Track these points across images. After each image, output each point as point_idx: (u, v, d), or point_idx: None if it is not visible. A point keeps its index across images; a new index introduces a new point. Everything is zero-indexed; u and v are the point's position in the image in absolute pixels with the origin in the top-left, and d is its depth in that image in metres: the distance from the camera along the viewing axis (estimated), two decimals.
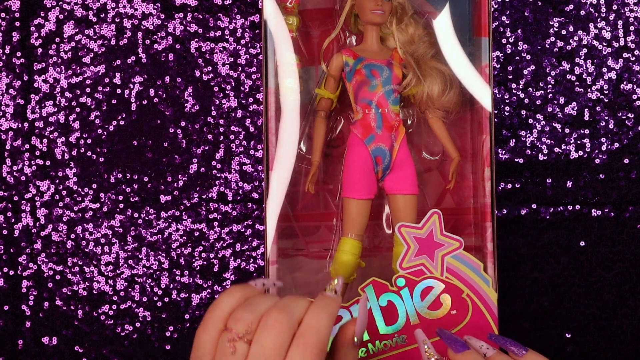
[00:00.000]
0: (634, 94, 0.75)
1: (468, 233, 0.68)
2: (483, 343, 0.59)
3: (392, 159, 0.66)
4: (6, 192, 0.74)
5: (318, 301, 0.52)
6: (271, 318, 0.50)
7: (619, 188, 0.74)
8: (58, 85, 0.75)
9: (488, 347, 0.58)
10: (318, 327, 0.51)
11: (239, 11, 0.75)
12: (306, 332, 0.50)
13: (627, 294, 0.74)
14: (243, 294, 0.53)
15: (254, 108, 0.75)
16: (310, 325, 0.51)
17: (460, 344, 0.58)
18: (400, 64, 0.66)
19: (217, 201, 0.74)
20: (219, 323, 0.52)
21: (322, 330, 0.51)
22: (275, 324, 0.50)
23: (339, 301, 0.53)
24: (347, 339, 0.54)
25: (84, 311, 0.74)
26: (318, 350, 0.50)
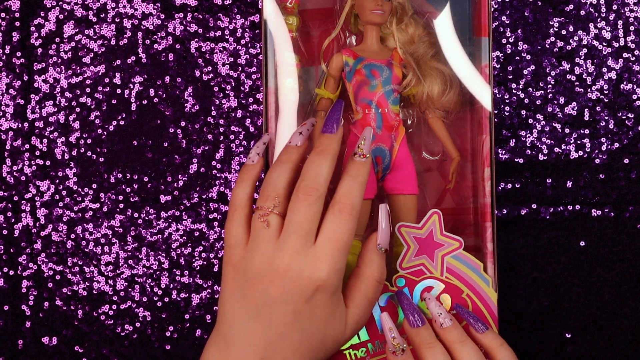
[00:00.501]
0: (634, 94, 0.75)
1: (468, 233, 0.68)
2: (442, 311, 0.60)
3: (392, 159, 0.66)
4: (6, 192, 0.75)
5: (349, 169, 0.57)
6: (301, 192, 0.54)
7: (619, 188, 0.74)
8: (58, 85, 0.75)
9: (446, 317, 0.59)
10: (351, 194, 0.55)
11: (239, 11, 0.75)
12: (341, 200, 0.55)
13: (627, 294, 0.74)
14: (250, 177, 0.58)
15: (254, 108, 0.75)
16: (343, 193, 0.55)
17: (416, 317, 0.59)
18: (400, 64, 0.66)
19: (217, 201, 0.74)
20: (242, 210, 0.57)
21: (355, 196, 0.55)
22: (306, 197, 0.54)
23: (368, 163, 0.57)
24: (372, 245, 0.59)
25: (84, 311, 0.74)
26: (352, 216, 0.55)
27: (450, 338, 0.59)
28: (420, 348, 0.58)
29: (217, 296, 0.74)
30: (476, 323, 0.60)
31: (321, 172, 0.55)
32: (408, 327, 0.59)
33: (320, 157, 0.56)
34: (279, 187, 0.56)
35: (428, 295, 0.61)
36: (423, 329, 0.59)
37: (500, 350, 0.59)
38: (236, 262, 0.55)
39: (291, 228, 0.54)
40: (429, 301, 0.61)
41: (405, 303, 0.60)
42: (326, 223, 0.55)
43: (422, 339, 0.58)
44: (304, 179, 0.55)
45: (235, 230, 0.56)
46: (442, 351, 0.58)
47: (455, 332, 0.59)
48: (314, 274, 0.53)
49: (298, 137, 0.58)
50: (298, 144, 0.58)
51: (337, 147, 0.57)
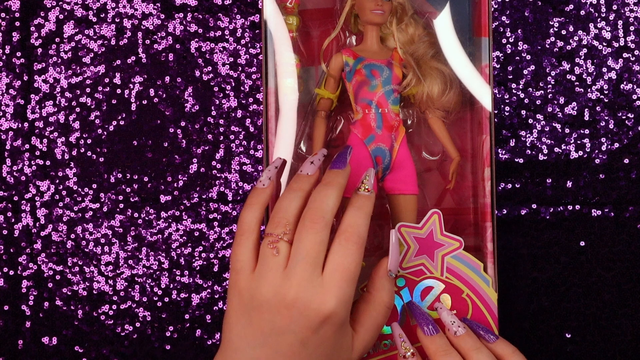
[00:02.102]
0: (634, 94, 0.75)
1: (468, 233, 0.68)
2: (455, 319, 0.60)
3: (392, 159, 0.66)
4: (6, 192, 0.75)
5: (354, 202, 0.57)
6: (307, 219, 0.54)
7: (619, 188, 0.74)
8: (58, 85, 0.75)
9: (459, 325, 0.60)
10: (357, 224, 0.55)
11: (239, 11, 0.75)
12: (347, 229, 0.55)
13: (627, 294, 0.74)
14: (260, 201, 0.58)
15: (254, 108, 0.75)
16: (349, 223, 0.55)
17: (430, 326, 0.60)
18: (400, 64, 0.66)
19: (217, 201, 0.74)
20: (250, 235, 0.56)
21: (360, 227, 0.55)
22: (312, 224, 0.54)
23: (373, 197, 0.58)
24: (382, 271, 0.59)
25: (84, 311, 0.74)
26: (358, 245, 0.55)
27: (465, 346, 0.59)
28: (436, 356, 0.58)
29: (217, 296, 0.74)
30: (486, 334, 0.60)
31: (328, 201, 0.55)
32: (423, 336, 0.60)
33: (327, 187, 0.56)
34: (290, 215, 0.55)
35: (439, 305, 0.62)
36: (437, 338, 0.59)
37: (512, 357, 0.59)
38: (242, 288, 0.55)
39: (299, 256, 0.53)
40: (441, 310, 0.61)
41: (418, 313, 0.61)
42: (333, 253, 0.54)
43: (438, 347, 0.59)
44: (310, 207, 0.55)
45: (242, 255, 0.56)
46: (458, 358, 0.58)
47: (469, 340, 0.59)
48: (322, 306, 0.53)
49: (310, 167, 0.58)
50: (309, 173, 0.58)
51: (344, 181, 0.57)
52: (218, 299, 0.74)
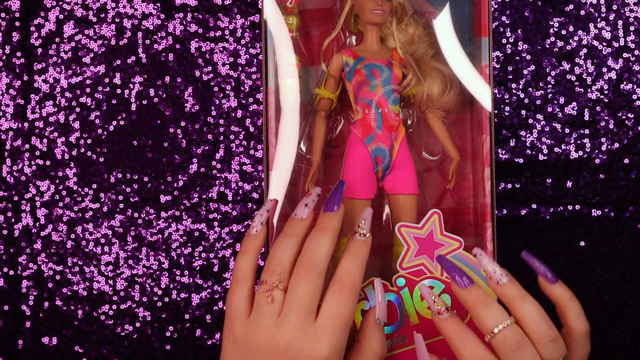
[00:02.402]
0: (634, 94, 0.75)
1: (468, 233, 0.68)
2: (497, 267, 0.57)
3: (392, 159, 0.66)
4: (6, 192, 0.75)
5: (349, 248, 0.57)
6: (302, 267, 0.55)
7: (619, 188, 0.74)
8: (58, 85, 0.75)
9: (502, 274, 0.57)
10: (351, 272, 0.56)
11: (239, 11, 0.75)
12: (341, 278, 0.56)
13: (627, 294, 0.74)
14: (253, 247, 0.59)
15: (254, 108, 0.75)
16: (344, 270, 0.56)
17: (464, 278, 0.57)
18: (400, 64, 0.66)
19: (217, 201, 0.74)
20: (245, 282, 0.57)
21: (355, 275, 0.56)
22: (306, 273, 0.55)
23: (369, 241, 0.58)
24: (371, 321, 0.59)
25: (84, 311, 0.74)
26: (352, 293, 0.55)
27: (509, 295, 0.56)
28: (475, 307, 0.55)
29: (217, 296, 0.74)
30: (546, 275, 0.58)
31: (321, 248, 0.56)
32: (458, 289, 0.57)
33: (321, 233, 0.56)
34: (284, 262, 0.56)
35: (479, 251, 0.58)
36: (474, 288, 0.56)
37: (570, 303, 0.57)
38: (237, 334, 0.56)
39: (293, 304, 0.54)
40: (481, 257, 0.58)
41: (449, 266, 0.58)
42: (327, 300, 0.55)
43: (476, 298, 0.56)
44: (304, 254, 0.56)
45: (237, 302, 0.57)
46: (499, 308, 0.55)
47: (513, 289, 0.56)
48: (315, 353, 0.53)
49: (304, 210, 0.58)
50: (303, 217, 0.58)
51: (338, 225, 0.58)
52: (218, 299, 0.74)
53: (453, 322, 0.57)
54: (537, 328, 0.55)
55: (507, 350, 0.54)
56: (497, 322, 0.54)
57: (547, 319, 0.55)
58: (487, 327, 0.55)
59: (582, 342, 0.58)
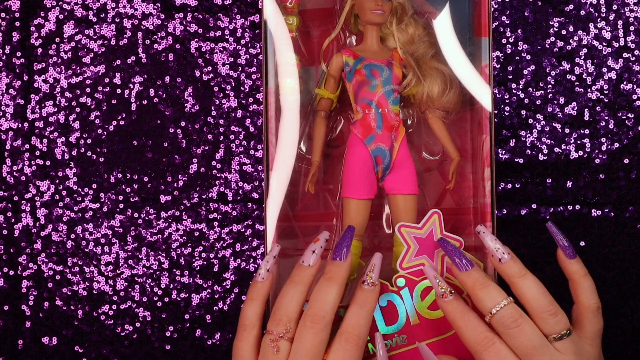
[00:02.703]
0: (634, 94, 0.75)
1: (468, 233, 0.68)
2: (499, 245, 0.58)
3: (392, 159, 0.66)
4: (6, 192, 0.75)
5: (357, 297, 0.57)
6: (308, 319, 0.55)
7: (619, 188, 0.74)
8: (58, 85, 0.75)
9: (504, 252, 0.58)
10: (358, 325, 0.56)
11: (239, 11, 0.75)
12: (347, 329, 0.56)
13: (627, 294, 0.74)
14: (260, 295, 0.59)
15: (254, 108, 0.75)
16: (350, 322, 0.56)
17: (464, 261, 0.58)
18: (400, 64, 0.66)
19: (217, 201, 0.74)
20: (251, 330, 0.58)
21: (362, 327, 0.56)
22: (313, 325, 0.55)
23: (377, 291, 0.58)
24: None
25: (84, 311, 0.74)
26: (358, 346, 0.56)
27: (510, 272, 0.57)
28: (474, 289, 0.57)
29: (217, 296, 0.74)
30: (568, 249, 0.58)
31: (328, 299, 0.56)
32: (458, 272, 0.58)
33: (328, 284, 0.57)
34: (291, 312, 0.56)
35: (482, 229, 0.60)
36: (473, 271, 0.57)
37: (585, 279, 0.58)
38: None
39: (298, 355, 0.55)
40: (484, 235, 0.59)
41: (450, 249, 0.59)
42: (333, 352, 0.56)
43: (475, 280, 0.57)
44: (311, 305, 0.56)
45: (243, 350, 0.57)
46: (497, 289, 0.56)
47: (514, 266, 0.57)
48: None
49: (311, 256, 0.58)
50: (311, 264, 0.58)
51: (345, 274, 0.58)
52: (218, 299, 0.74)
53: (456, 304, 0.58)
54: (537, 303, 0.56)
55: (506, 329, 0.55)
56: (495, 302, 0.55)
57: (547, 294, 0.57)
58: (486, 307, 0.56)
59: (592, 318, 0.58)
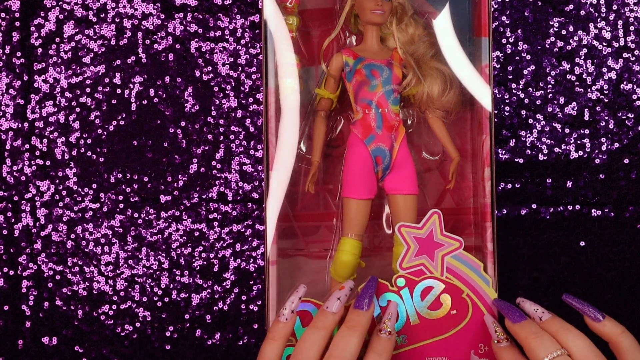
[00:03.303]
0: (634, 94, 0.75)
1: (468, 233, 0.68)
2: (538, 307, 0.60)
3: (392, 159, 0.66)
4: (6, 192, 0.74)
5: (374, 345, 0.58)
6: None
7: (619, 188, 0.74)
8: (58, 85, 0.75)
9: (543, 312, 0.60)
10: None
11: (239, 11, 0.75)
12: None
13: (627, 294, 0.74)
14: (281, 335, 0.59)
15: (254, 108, 0.75)
16: None
17: (517, 314, 0.60)
18: (400, 64, 0.66)
19: (217, 201, 0.74)
20: None
21: None
22: None
23: (393, 339, 0.58)
24: None
25: (84, 311, 0.74)
26: None
27: (554, 328, 0.58)
28: (528, 340, 0.58)
29: (217, 296, 0.74)
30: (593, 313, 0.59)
31: (349, 348, 0.56)
32: (511, 324, 0.59)
33: (350, 332, 0.57)
34: (311, 358, 0.56)
35: (522, 300, 0.62)
36: (527, 323, 0.59)
37: (621, 337, 0.58)
38: None
39: None
40: (523, 303, 0.61)
41: (502, 305, 0.61)
42: None
43: (529, 330, 0.58)
44: (332, 353, 0.56)
45: None
46: (550, 339, 0.57)
47: (556, 322, 0.59)
48: None
49: (335, 304, 0.59)
50: (334, 311, 0.59)
51: (367, 323, 0.58)
52: (218, 299, 0.74)
53: (511, 351, 0.59)
54: (584, 355, 0.56)
55: None
56: (549, 352, 0.56)
57: (594, 348, 0.57)
58: (539, 356, 0.57)
59: None
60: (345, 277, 0.66)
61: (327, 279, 0.69)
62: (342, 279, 0.66)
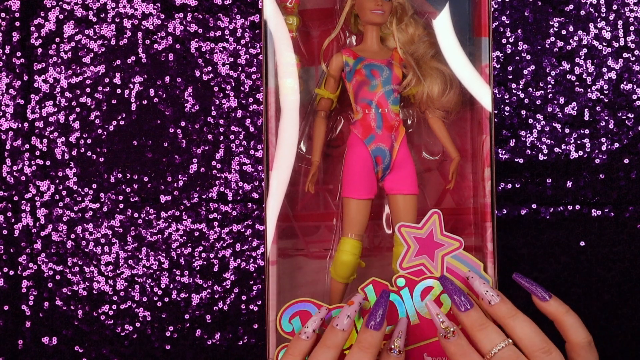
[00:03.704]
0: (634, 94, 0.75)
1: (468, 233, 0.68)
2: (489, 288, 0.59)
3: (392, 159, 0.66)
4: (6, 192, 0.75)
5: None
6: None
7: (619, 188, 0.74)
8: (58, 85, 0.75)
9: (493, 295, 0.59)
10: None
11: (239, 11, 0.75)
12: None
13: (627, 294, 0.74)
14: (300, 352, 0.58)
15: (254, 108, 0.75)
16: None
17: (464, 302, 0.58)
18: (400, 64, 0.66)
19: (217, 201, 0.74)
20: None
21: None
22: None
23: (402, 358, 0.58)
24: None
25: (84, 311, 0.74)
26: None
27: (501, 314, 0.58)
28: (473, 330, 0.57)
29: (217, 296, 0.74)
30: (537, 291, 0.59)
31: None
32: (457, 311, 0.58)
33: (362, 354, 0.57)
34: None
35: (471, 274, 0.61)
36: (473, 312, 0.58)
37: (567, 317, 0.58)
38: None
39: None
40: (473, 280, 0.60)
41: (451, 288, 0.59)
42: None
43: (474, 321, 0.57)
44: None
45: None
46: (495, 330, 0.57)
47: (504, 307, 0.58)
48: None
49: (345, 322, 0.58)
50: (344, 329, 0.58)
51: (379, 343, 0.58)
52: (218, 299, 0.74)
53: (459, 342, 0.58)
54: (530, 342, 0.56)
55: None
56: (494, 344, 0.56)
57: (540, 333, 0.57)
58: (485, 348, 0.56)
59: (585, 353, 0.58)
60: (345, 277, 0.66)
61: (327, 279, 0.69)
62: (342, 279, 0.66)
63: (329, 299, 0.67)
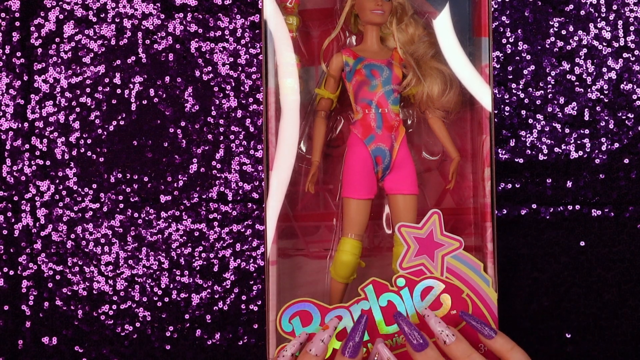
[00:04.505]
0: (634, 94, 0.75)
1: (468, 233, 0.68)
2: (444, 328, 0.59)
3: (392, 159, 0.66)
4: (6, 192, 0.74)
5: None
6: None
7: (619, 188, 0.74)
8: (58, 85, 0.75)
9: (448, 334, 0.59)
10: None
11: (239, 11, 0.75)
12: None
13: (627, 294, 0.74)
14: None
15: (254, 108, 0.75)
16: None
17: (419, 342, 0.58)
18: (400, 64, 0.66)
19: (217, 201, 0.74)
20: None
21: None
22: None
23: None
24: None
25: (84, 311, 0.74)
26: None
27: (457, 353, 0.58)
28: None
29: (217, 296, 0.74)
30: (484, 329, 0.59)
31: None
32: (412, 351, 0.58)
33: None
34: None
35: (427, 312, 0.61)
36: (429, 350, 0.58)
37: (512, 353, 0.58)
38: None
39: None
40: (429, 318, 0.60)
41: (405, 327, 0.59)
42: None
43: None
44: None
45: None
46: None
47: (460, 347, 0.58)
48: None
49: (319, 346, 0.58)
50: (318, 354, 0.58)
51: None
52: (218, 299, 0.74)
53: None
54: None
55: None
56: None
57: None
58: None
59: None
60: (345, 277, 0.66)
61: (327, 279, 0.69)
62: (342, 279, 0.66)
63: (329, 299, 0.67)
